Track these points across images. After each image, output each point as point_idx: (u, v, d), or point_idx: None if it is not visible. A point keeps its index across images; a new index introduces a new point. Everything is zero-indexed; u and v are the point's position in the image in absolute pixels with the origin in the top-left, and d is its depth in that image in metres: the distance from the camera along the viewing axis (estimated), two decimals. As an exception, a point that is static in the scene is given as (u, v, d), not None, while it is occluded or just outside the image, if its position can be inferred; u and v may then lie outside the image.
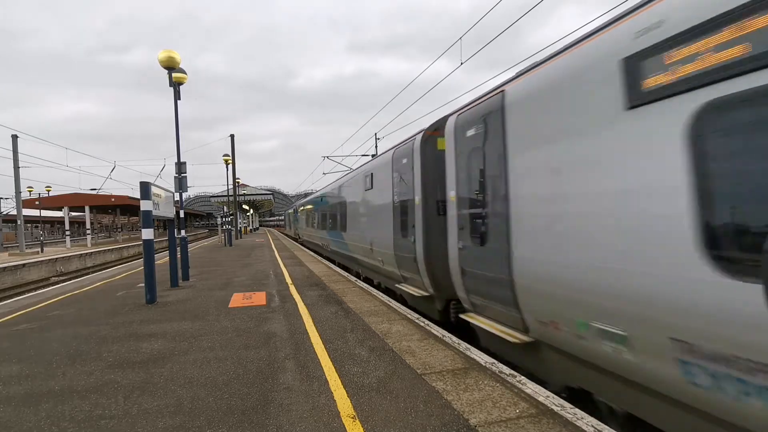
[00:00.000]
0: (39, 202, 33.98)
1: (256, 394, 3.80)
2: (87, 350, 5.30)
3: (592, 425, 3.13)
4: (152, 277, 8.38)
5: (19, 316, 7.67)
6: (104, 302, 8.84)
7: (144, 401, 3.73)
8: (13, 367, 4.73)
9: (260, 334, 5.78)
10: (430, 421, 3.22)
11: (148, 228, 8.28)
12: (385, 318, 6.61)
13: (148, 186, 8.20)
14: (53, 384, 4.20)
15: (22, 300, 10.08)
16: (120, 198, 35.01)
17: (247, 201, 60.59)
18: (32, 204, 33.49)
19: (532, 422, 3.19)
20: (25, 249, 25.20)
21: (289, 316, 6.88)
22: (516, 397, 3.63)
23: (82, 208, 32.94)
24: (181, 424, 3.31)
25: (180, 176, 11.82)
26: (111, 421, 3.38)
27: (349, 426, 3.17)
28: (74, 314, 7.65)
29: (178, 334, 5.91)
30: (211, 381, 4.15)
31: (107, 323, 6.75)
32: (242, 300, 8.35)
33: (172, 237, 11.08)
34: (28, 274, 18.64)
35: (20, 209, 26.05)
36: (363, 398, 3.66)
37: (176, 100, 11.05)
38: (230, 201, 36.57)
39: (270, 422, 3.28)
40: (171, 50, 10.49)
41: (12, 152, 24.77)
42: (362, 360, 4.63)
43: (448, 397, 3.64)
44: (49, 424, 3.37)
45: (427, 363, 4.50)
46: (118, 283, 11.96)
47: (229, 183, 35.12)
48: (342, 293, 8.92)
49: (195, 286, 10.56)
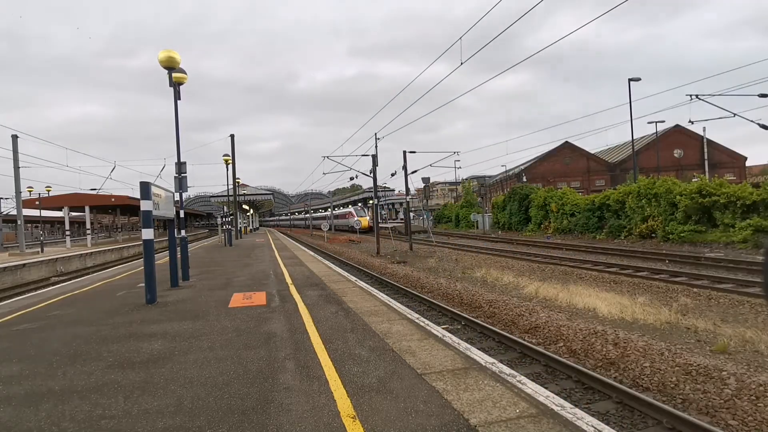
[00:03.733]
0: (39, 202, 33.94)
1: (256, 394, 3.80)
2: (87, 350, 5.30)
3: (592, 425, 3.13)
4: (152, 277, 8.38)
5: (20, 316, 7.68)
6: (104, 302, 8.85)
7: (144, 401, 3.73)
8: (14, 367, 4.73)
9: (260, 334, 5.78)
10: (430, 421, 3.22)
11: (148, 228, 8.28)
12: (385, 318, 6.62)
13: (148, 186, 8.19)
14: (53, 384, 4.20)
15: (22, 300, 10.09)
16: (120, 198, 34.97)
17: (247, 201, 60.57)
18: (32, 204, 33.44)
19: (532, 422, 3.19)
20: (25, 249, 25.17)
21: (289, 316, 6.88)
22: (516, 397, 3.63)
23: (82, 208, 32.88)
24: (182, 424, 3.31)
25: (180, 176, 11.80)
26: (111, 421, 3.38)
27: (349, 426, 3.17)
28: (74, 314, 7.65)
29: (179, 334, 5.91)
30: (211, 381, 4.15)
31: (107, 323, 6.75)
32: (242, 300, 8.36)
33: (172, 237, 11.08)
34: (28, 274, 18.64)
35: (20, 209, 26.03)
36: (363, 398, 3.66)
37: (176, 100, 11.04)
38: (230, 201, 36.56)
39: (270, 422, 3.28)
40: (171, 50, 10.45)
41: (12, 152, 24.76)
42: (362, 360, 4.63)
43: (448, 397, 3.65)
44: (50, 424, 3.37)
45: (427, 363, 4.50)
46: (118, 283, 11.96)
47: (229, 183, 35.13)
48: (342, 293, 8.92)
49: (195, 286, 10.57)
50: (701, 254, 16.10)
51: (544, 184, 43.04)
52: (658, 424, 4.74)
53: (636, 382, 5.80)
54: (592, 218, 27.30)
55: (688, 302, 9.54)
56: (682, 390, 5.32)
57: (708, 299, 9.77)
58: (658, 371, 5.76)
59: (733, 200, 18.71)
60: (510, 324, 8.89)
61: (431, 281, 13.93)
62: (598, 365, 6.48)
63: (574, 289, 11.15)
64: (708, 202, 19.59)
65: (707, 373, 5.39)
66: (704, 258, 15.18)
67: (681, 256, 16.07)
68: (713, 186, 19.88)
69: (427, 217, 47.78)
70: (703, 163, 48.17)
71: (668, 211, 21.63)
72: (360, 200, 73.45)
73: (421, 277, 14.76)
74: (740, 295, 9.84)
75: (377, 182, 26.22)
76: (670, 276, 12.72)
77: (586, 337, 7.21)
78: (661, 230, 21.46)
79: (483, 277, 14.65)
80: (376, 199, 26.49)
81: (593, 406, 5.22)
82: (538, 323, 8.30)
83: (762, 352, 6.26)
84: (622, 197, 24.58)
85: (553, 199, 31.12)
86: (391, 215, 72.90)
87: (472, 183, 65.01)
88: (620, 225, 24.66)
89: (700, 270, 13.46)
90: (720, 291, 10.38)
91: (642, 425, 4.80)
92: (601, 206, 26.66)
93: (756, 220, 17.41)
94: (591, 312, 9.14)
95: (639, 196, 23.24)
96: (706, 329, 7.48)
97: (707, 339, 7.03)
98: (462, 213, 49.39)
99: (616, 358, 6.41)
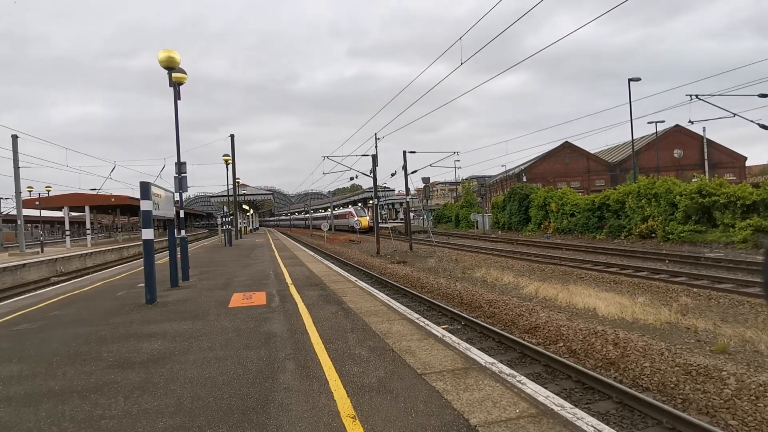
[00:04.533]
0: (39, 202, 33.94)
1: (256, 394, 3.80)
2: (87, 350, 5.30)
3: (592, 425, 3.13)
4: (152, 277, 8.37)
5: (19, 316, 7.67)
6: (104, 302, 8.85)
7: (144, 401, 3.73)
8: (14, 367, 4.73)
9: (260, 334, 5.78)
10: (430, 421, 3.22)
11: (148, 228, 8.27)
12: (385, 318, 6.62)
13: (148, 186, 8.19)
14: (53, 384, 4.20)
15: (22, 300, 10.09)
16: (120, 198, 34.96)
17: (247, 201, 60.58)
18: (32, 204, 33.45)
19: (532, 422, 3.19)
20: (25, 249, 25.16)
21: (289, 316, 6.88)
22: (516, 397, 3.63)
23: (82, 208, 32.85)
24: (182, 424, 3.31)
25: (180, 176, 11.79)
26: (111, 421, 3.38)
27: (349, 426, 3.17)
28: (74, 314, 7.65)
29: (179, 334, 5.91)
30: (211, 381, 4.15)
31: (107, 323, 6.74)
32: (242, 300, 8.35)
33: (172, 237, 11.07)
34: (28, 274, 18.64)
35: (20, 209, 26.02)
36: (363, 398, 3.66)
37: (176, 100, 11.03)
38: (230, 201, 36.56)
39: (270, 422, 3.28)
40: (171, 50, 10.44)
41: (12, 152, 24.76)
42: (362, 360, 4.63)
43: (448, 397, 3.65)
44: (49, 424, 3.37)
45: (427, 363, 4.50)
46: (118, 283, 11.96)
47: (229, 183, 35.13)
48: (342, 293, 8.92)
49: (195, 286, 10.56)
50: (701, 254, 16.10)
51: (544, 184, 43.03)
52: (658, 424, 4.74)
53: (636, 382, 5.80)
54: (592, 218, 27.30)
55: (688, 302, 9.54)
56: (682, 390, 5.32)
57: (708, 299, 9.76)
58: (658, 371, 5.76)
59: (733, 200, 18.71)
60: (510, 324, 8.89)
61: (431, 281, 13.93)
62: (598, 365, 6.48)
63: (574, 289, 11.15)
64: (708, 202, 19.59)
65: (707, 373, 5.39)
66: (704, 258, 15.18)
67: (681, 256, 16.07)
68: (713, 186, 19.88)
69: (427, 217, 47.83)
70: (703, 163, 48.20)
71: (668, 211, 21.64)
72: (360, 200, 73.45)
73: (421, 277, 14.76)
74: (740, 295, 9.84)
75: (377, 182, 26.23)
76: (670, 276, 12.72)
77: (586, 337, 7.21)
78: (661, 230, 21.46)
79: (483, 277, 14.64)
80: (376, 199, 26.50)
81: (593, 406, 5.22)
82: (538, 323, 8.30)
83: (762, 352, 6.26)
84: (622, 197, 24.58)
85: (553, 199, 31.12)
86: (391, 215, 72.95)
87: (472, 183, 65.02)
88: (620, 225, 24.66)
89: (700, 270, 13.46)
90: (720, 291, 10.38)
91: (642, 425, 4.80)
92: (601, 206, 26.66)
93: (756, 220, 17.42)
94: (591, 312, 9.14)
95: (639, 196, 23.25)
96: (706, 329, 7.48)
97: (707, 339, 7.03)
98: (462, 213, 49.40)
99: (616, 358, 6.41)
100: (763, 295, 8.59)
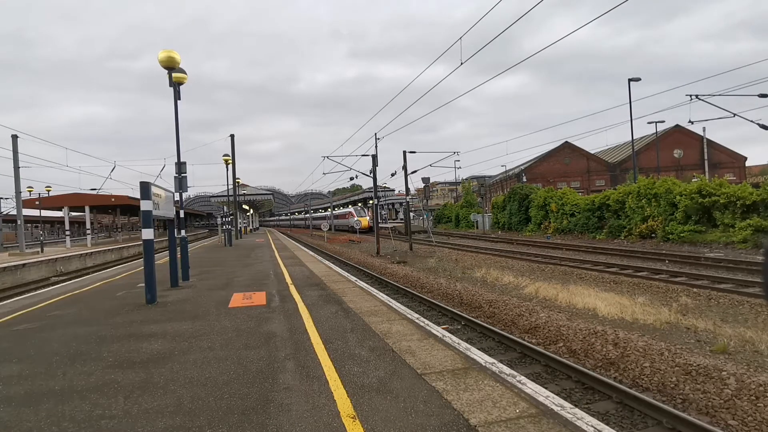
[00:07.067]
0: (39, 202, 33.92)
1: (256, 394, 3.80)
2: (87, 350, 5.30)
3: (592, 425, 3.13)
4: (152, 277, 8.38)
5: (20, 316, 7.67)
6: (104, 302, 8.85)
7: (144, 401, 3.73)
8: (14, 367, 4.73)
9: (260, 334, 5.78)
10: (430, 421, 3.22)
11: (148, 228, 8.28)
12: (385, 318, 6.62)
13: (148, 186, 8.19)
14: (53, 384, 4.20)
15: (22, 300, 10.08)
16: (120, 198, 34.94)
17: (247, 201, 60.58)
18: (32, 204, 33.43)
19: (532, 422, 3.19)
20: (25, 249, 25.16)
21: (289, 316, 6.88)
22: (516, 397, 3.63)
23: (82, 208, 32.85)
24: (182, 423, 3.31)
25: (180, 176, 11.80)
26: (111, 421, 3.38)
27: (349, 426, 3.17)
28: (74, 314, 7.65)
29: (178, 334, 5.91)
30: (211, 381, 4.15)
31: (107, 323, 6.75)
32: (242, 300, 8.35)
33: (172, 237, 11.07)
34: (28, 274, 18.63)
35: (20, 209, 26.02)
36: (363, 398, 3.66)
37: (176, 100, 11.03)
38: (230, 201, 36.55)
39: (270, 422, 3.28)
40: (171, 50, 10.45)
41: (12, 152, 24.75)
42: (362, 360, 4.63)
43: (448, 397, 3.65)
44: (50, 424, 3.37)
45: (427, 363, 4.50)
46: (118, 283, 11.96)
47: (229, 183, 35.12)
48: (342, 293, 8.92)
49: (195, 286, 10.56)
50: (701, 254, 16.10)
51: (544, 184, 43.02)
52: (658, 424, 4.74)
53: (636, 382, 5.80)
54: (592, 218, 27.30)
55: (688, 302, 9.54)
56: (682, 390, 5.32)
57: (708, 299, 9.76)
58: (657, 371, 5.77)
59: (733, 200, 18.71)
60: (510, 324, 8.89)
61: (431, 281, 13.93)
62: (597, 365, 6.48)
63: (574, 289, 11.15)
64: (708, 202, 19.58)
65: (707, 373, 5.39)
66: (704, 258, 15.18)
67: (681, 256, 16.07)
68: (713, 186, 19.88)
69: (427, 217, 47.79)
70: (703, 163, 48.18)
71: (668, 211, 21.63)
72: (360, 200, 73.42)
73: (421, 277, 14.76)
74: (740, 295, 9.84)
75: (377, 182, 26.23)
76: (670, 276, 12.72)
77: (585, 337, 7.21)
78: (661, 230, 21.45)
79: (483, 277, 14.65)
80: (376, 199, 26.50)
81: (593, 406, 5.22)
82: (538, 323, 8.30)
83: (762, 352, 6.27)
84: (622, 197, 24.58)
85: (553, 199, 31.12)
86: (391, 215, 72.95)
87: (472, 183, 65.02)
88: (620, 225, 24.65)
89: (700, 270, 13.46)
90: (720, 291, 10.37)
91: (642, 425, 4.80)
92: (601, 206, 26.66)
93: (756, 220, 17.41)
94: (591, 312, 9.14)
95: (639, 196, 23.24)
96: (706, 329, 7.48)
97: (707, 339, 7.03)
98: (462, 213, 49.41)
99: (615, 358, 6.41)
100: (763, 295, 8.59)
